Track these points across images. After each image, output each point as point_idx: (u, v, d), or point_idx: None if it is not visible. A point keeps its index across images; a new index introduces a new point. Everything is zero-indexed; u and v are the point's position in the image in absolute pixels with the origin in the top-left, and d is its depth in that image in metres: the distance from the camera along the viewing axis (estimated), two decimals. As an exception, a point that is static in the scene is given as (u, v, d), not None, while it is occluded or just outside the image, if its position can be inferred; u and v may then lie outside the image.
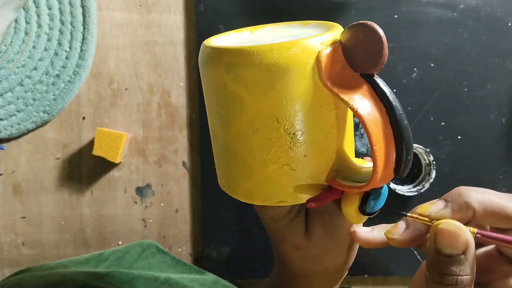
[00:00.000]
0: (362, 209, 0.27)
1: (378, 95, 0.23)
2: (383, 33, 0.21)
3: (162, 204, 0.53)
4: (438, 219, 0.24)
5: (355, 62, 0.23)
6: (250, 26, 0.29)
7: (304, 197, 0.27)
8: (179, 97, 0.52)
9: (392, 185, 0.49)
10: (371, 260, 0.52)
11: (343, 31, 0.24)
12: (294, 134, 0.25)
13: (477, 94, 0.51)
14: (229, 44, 0.27)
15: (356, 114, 0.23)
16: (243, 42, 0.28)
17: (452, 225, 0.23)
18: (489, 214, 0.23)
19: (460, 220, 0.23)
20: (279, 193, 0.27)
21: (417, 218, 0.25)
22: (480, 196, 0.24)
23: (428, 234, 0.24)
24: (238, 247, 0.52)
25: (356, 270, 0.52)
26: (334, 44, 0.24)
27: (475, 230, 0.23)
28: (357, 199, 0.27)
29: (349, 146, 0.28)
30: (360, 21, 0.22)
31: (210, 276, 0.49)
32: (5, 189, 0.53)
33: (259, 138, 0.25)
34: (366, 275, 0.52)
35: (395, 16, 0.51)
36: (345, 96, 0.23)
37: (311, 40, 0.23)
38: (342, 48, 0.24)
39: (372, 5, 0.51)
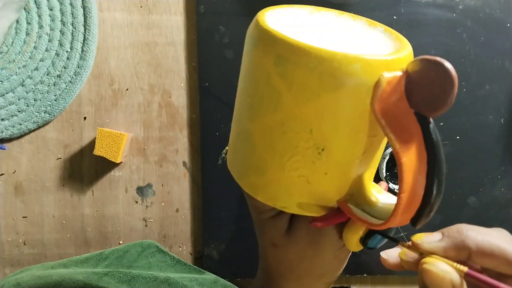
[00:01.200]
0: (364, 242, 0.25)
1: (426, 143, 0.21)
2: (457, 81, 0.19)
3: (163, 204, 0.53)
4: (428, 251, 0.23)
5: (414, 99, 0.21)
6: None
7: (309, 212, 0.26)
8: (180, 98, 0.53)
9: (391, 185, 0.50)
10: (370, 259, 0.52)
11: (412, 61, 0.21)
12: (323, 150, 0.22)
13: (476, 95, 0.52)
14: (284, 25, 0.24)
15: (396, 156, 0.20)
16: (300, 25, 0.25)
17: (436, 266, 0.22)
18: (487, 256, 0.22)
19: (454, 258, 0.22)
20: (285, 199, 0.25)
21: (408, 247, 0.24)
22: (479, 238, 0.22)
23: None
24: (238, 247, 0.52)
25: (355, 269, 0.52)
26: (399, 70, 0.21)
27: (465, 269, 0.22)
28: (362, 230, 0.25)
29: (372, 173, 0.26)
30: (436, 58, 0.19)
31: (209, 276, 0.49)
32: (7, 189, 0.53)
33: (285, 141, 0.23)
34: (365, 274, 0.52)
35: (394, 17, 0.51)
36: (391, 132, 0.20)
37: (377, 60, 0.20)
38: (406, 79, 0.21)
39: (371, 6, 0.51)
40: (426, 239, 0.23)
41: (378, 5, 0.51)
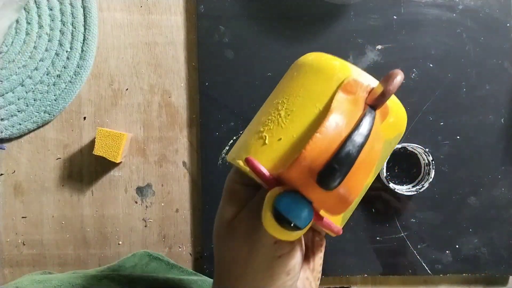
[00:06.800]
0: (274, 210, 0.23)
1: (358, 121, 0.24)
2: (398, 81, 0.23)
3: (163, 204, 0.53)
4: None
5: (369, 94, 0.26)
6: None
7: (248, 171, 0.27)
8: (180, 97, 0.53)
9: (392, 185, 0.50)
10: (370, 259, 0.52)
11: None
12: (289, 115, 0.27)
13: (476, 95, 0.52)
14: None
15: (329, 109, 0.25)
16: None
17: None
18: None
19: None
20: (240, 152, 0.28)
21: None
22: None
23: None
24: (238, 247, 0.52)
25: (356, 269, 0.52)
26: (370, 86, 0.26)
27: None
28: (278, 192, 0.24)
29: None
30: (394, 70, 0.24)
31: (207, 278, 0.49)
32: (6, 189, 0.53)
33: (271, 102, 0.29)
34: (365, 275, 0.52)
35: (394, 17, 0.51)
36: (337, 96, 0.25)
37: (351, 66, 0.27)
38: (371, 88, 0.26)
39: (371, 6, 0.51)
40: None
41: (378, 5, 0.51)
